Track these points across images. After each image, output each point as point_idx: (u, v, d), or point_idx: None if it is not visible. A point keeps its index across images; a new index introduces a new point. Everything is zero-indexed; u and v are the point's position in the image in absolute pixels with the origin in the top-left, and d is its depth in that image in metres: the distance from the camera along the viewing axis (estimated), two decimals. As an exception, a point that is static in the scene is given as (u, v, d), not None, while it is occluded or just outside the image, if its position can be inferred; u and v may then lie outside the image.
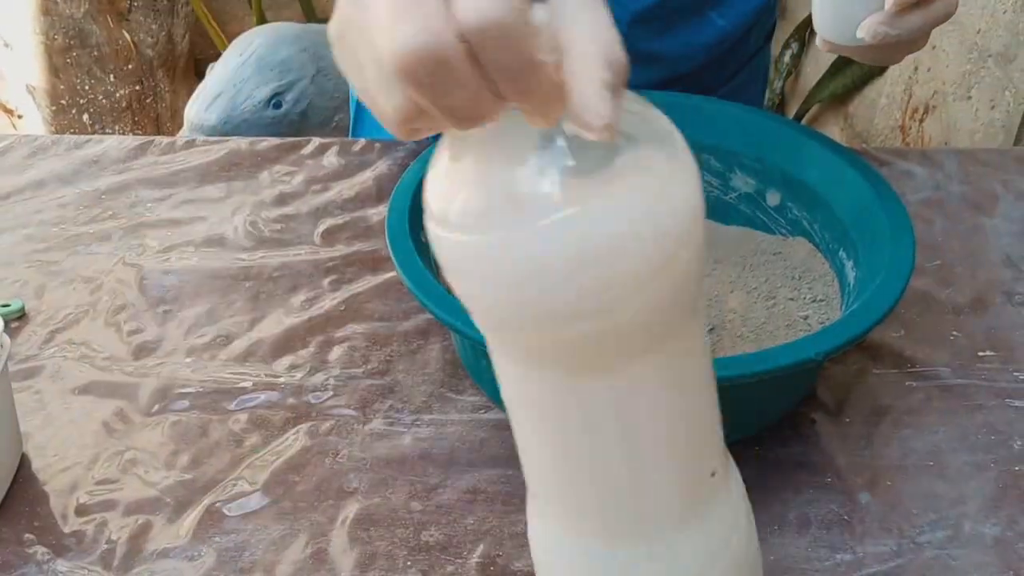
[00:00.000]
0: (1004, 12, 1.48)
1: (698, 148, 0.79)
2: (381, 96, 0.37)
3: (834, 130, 2.08)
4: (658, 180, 0.37)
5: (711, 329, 0.70)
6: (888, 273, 0.64)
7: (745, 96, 1.05)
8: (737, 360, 0.59)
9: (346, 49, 0.39)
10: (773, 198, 0.78)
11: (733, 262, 0.77)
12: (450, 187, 0.37)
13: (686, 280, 0.38)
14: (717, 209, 0.81)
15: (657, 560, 0.45)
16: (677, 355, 0.41)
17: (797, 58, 2.20)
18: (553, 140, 0.36)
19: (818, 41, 0.66)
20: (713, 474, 0.45)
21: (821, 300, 0.72)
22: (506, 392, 0.43)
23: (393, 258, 0.65)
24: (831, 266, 0.74)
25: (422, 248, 0.68)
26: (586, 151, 0.36)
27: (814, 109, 2.11)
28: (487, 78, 0.34)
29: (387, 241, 0.67)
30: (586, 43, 0.35)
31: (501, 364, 0.42)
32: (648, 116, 0.39)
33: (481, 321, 0.40)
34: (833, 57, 1.98)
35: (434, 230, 0.37)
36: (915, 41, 0.65)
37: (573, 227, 0.35)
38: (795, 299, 0.73)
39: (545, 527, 0.47)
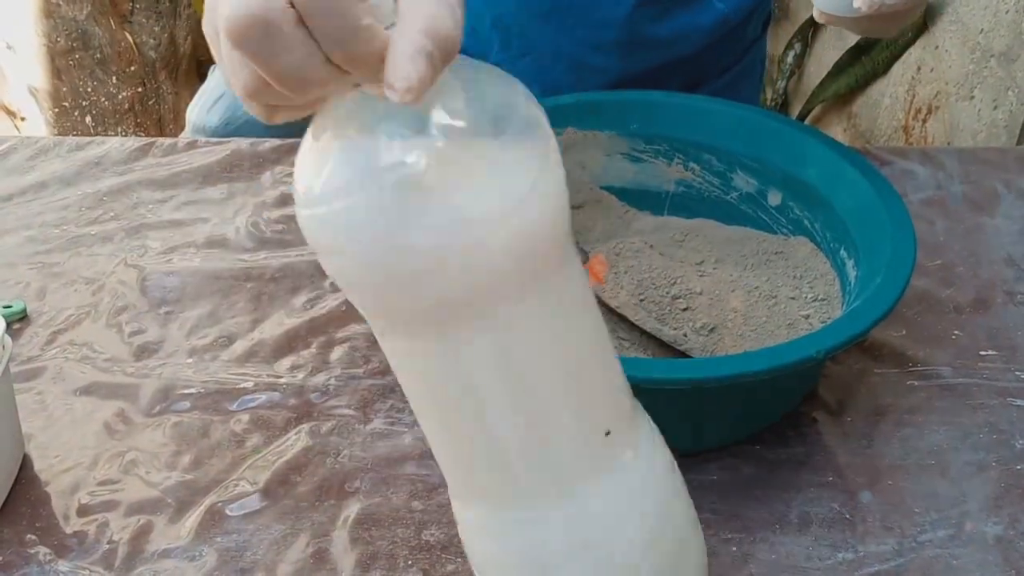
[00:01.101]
0: (1007, 12, 1.48)
1: (699, 148, 0.79)
2: (231, 72, 0.38)
3: (837, 130, 2.08)
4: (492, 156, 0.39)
5: (712, 329, 0.70)
6: (889, 272, 0.63)
7: (743, 84, 1.05)
8: (739, 359, 0.59)
9: (209, 30, 0.40)
10: (774, 198, 0.78)
11: (734, 261, 0.77)
12: (312, 164, 0.39)
13: (524, 237, 0.39)
14: (718, 209, 0.81)
15: (550, 523, 0.45)
16: (538, 310, 0.42)
17: (800, 58, 2.20)
18: (398, 113, 0.38)
19: (815, 13, 0.66)
20: (607, 434, 0.45)
21: (822, 299, 0.72)
22: (400, 377, 0.45)
23: None
24: (832, 265, 0.74)
25: None
26: (431, 121, 0.38)
27: (817, 109, 2.11)
28: (316, 43, 0.36)
29: None
30: (413, 13, 0.37)
31: (387, 347, 0.43)
32: (501, 94, 0.42)
33: (358, 298, 0.41)
34: (836, 57, 1.98)
35: (301, 212, 0.39)
36: (910, 10, 0.65)
37: (414, 188, 0.37)
38: (796, 298, 0.72)
39: (457, 507, 0.49)
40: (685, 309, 0.72)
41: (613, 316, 0.72)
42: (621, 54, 0.94)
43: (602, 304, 0.72)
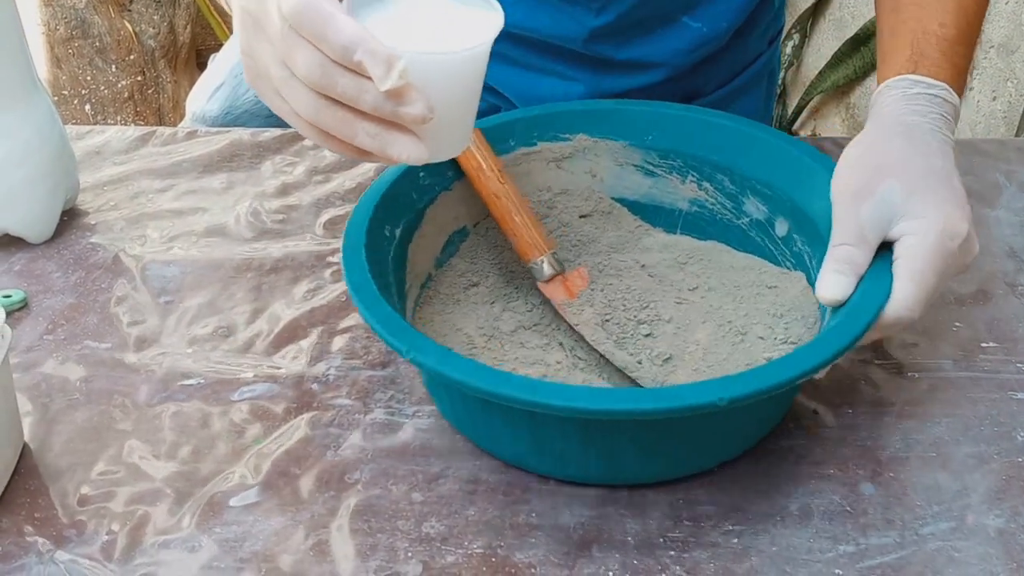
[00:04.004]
0: (1006, 3, 1.48)
1: (713, 168, 0.75)
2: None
3: (835, 120, 2.08)
4: None
5: (668, 359, 0.67)
6: (842, 322, 0.59)
7: (745, 100, 1.04)
8: (629, 394, 0.56)
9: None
10: (781, 227, 0.74)
11: (726, 291, 0.73)
12: None
13: None
14: (730, 233, 0.78)
15: None
16: None
17: (799, 49, 2.20)
18: None
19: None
20: None
21: (792, 343, 0.68)
22: None
23: (349, 286, 0.62)
24: (819, 307, 0.69)
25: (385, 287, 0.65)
26: None
27: (816, 100, 2.11)
28: None
29: (346, 282, 0.63)
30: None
31: None
32: None
33: None
34: (835, 47, 1.98)
35: None
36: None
37: None
38: (765, 339, 0.69)
39: None
40: (648, 335, 0.70)
41: (574, 334, 0.71)
42: (592, 70, 0.93)
43: (564, 321, 0.71)
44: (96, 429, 0.68)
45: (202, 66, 2.30)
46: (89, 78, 2.36)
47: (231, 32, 2.06)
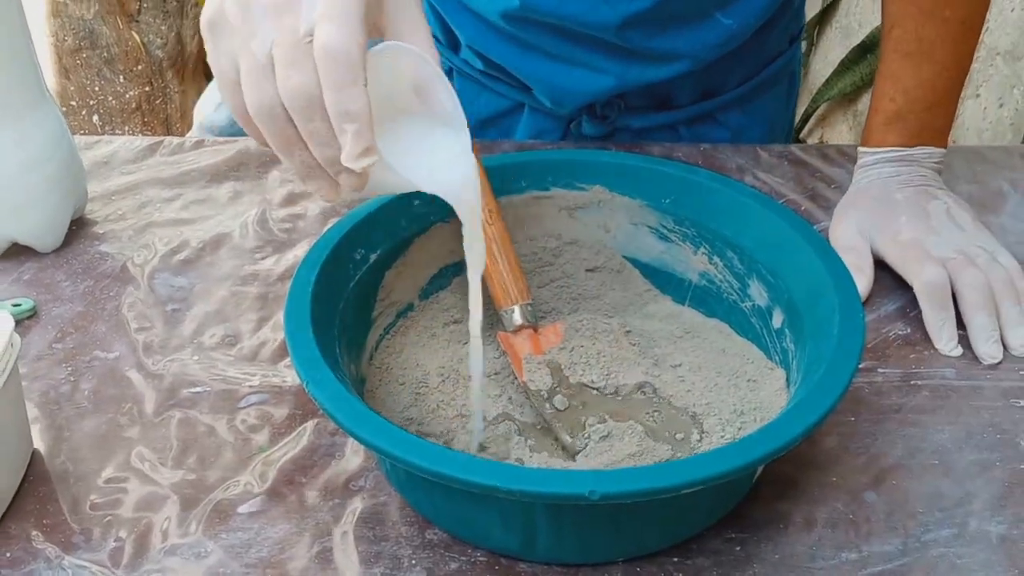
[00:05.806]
0: (1012, 10, 1.48)
1: (724, 243, 0.73)
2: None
3: (842, 128, 2.08)
4: None
5: (606, 436, 0.64)
6: (747, 440, 0.54)
7: (766, 98, 1.05)
8: (508, 471, 0.53)
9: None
10: (778, 319, 0.69)
11: (703, 375, 0.69)
12: None
13: None
14: (733, 315, 0.73)
15: None
16: None
17: (806, 56, 2.20)
18: None
19: None
20: None
21: None
22: None
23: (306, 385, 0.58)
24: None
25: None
26: None
27: (823, 107, 2.11)
28: None
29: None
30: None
31: None
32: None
33: None
34: (842, 55, 1.98)
35: None
36: None
37: None
38: (711, 434, 0.65)
39: None
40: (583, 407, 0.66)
41: (525, 391, 0.68)
42: (622, 61, 0.93)
43: (518, 378, 0.69)
44: (104, 436, 0.68)
45: (209, 76, 2.31)
46: (97, 88, 2.37)
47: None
